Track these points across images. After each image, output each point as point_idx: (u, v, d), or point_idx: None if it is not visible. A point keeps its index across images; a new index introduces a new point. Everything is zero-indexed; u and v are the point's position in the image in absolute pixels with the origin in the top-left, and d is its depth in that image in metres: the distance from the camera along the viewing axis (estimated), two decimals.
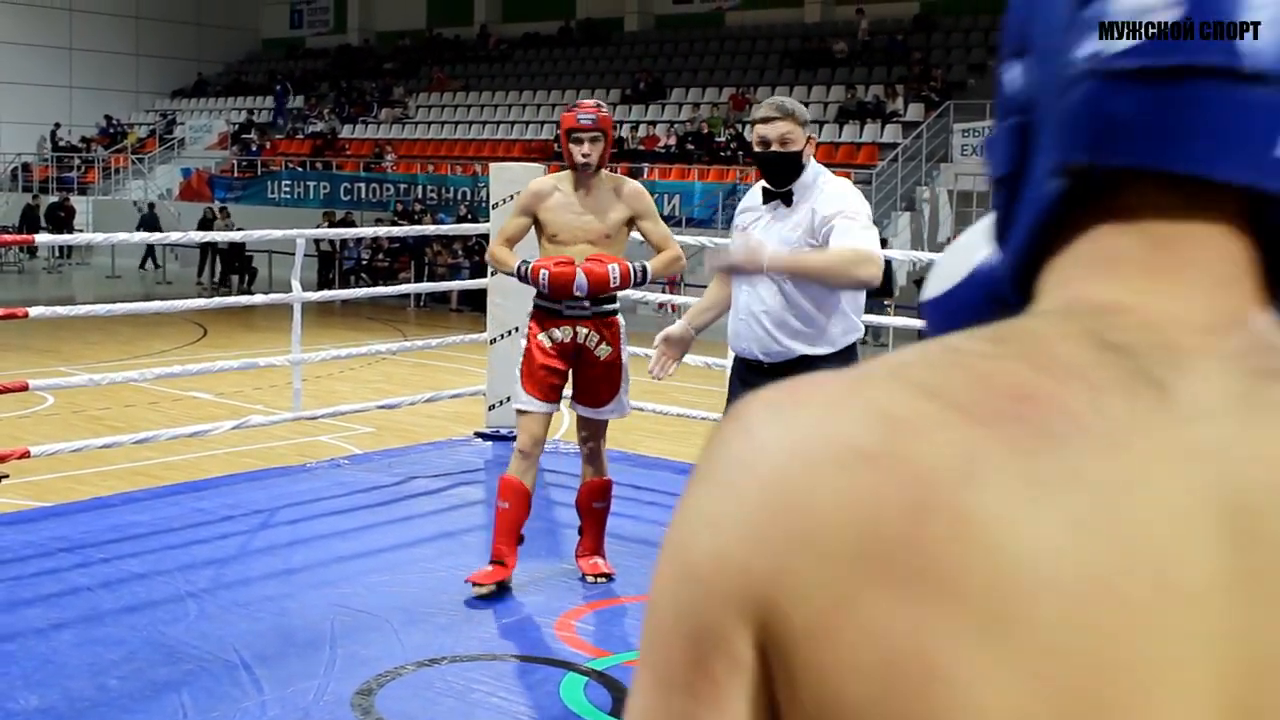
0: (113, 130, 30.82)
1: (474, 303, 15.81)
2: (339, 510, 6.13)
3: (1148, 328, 0.64)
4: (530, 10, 29.96)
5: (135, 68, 32.80)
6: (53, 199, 26.36)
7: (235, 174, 26.98)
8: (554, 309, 4.84)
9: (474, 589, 4.78)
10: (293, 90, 30.08)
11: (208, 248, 21.70)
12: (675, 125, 23.12)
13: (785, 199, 3.98)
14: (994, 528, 0.58)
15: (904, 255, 8.86)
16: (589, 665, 4.23)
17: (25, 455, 5.84)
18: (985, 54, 22.07)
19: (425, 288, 14.04)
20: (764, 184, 4.07)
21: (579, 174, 4.80)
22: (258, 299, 8.46)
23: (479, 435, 7.66)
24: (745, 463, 0.62)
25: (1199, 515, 0.60)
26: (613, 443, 5.51)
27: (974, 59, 22.21)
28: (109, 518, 5.78)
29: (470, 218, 18.59)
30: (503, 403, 7.19)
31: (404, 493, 6.48)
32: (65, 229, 23.74)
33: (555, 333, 4.84)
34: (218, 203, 24.59)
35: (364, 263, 20.50)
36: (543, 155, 20.07)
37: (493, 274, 7.03)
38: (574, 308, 4.82)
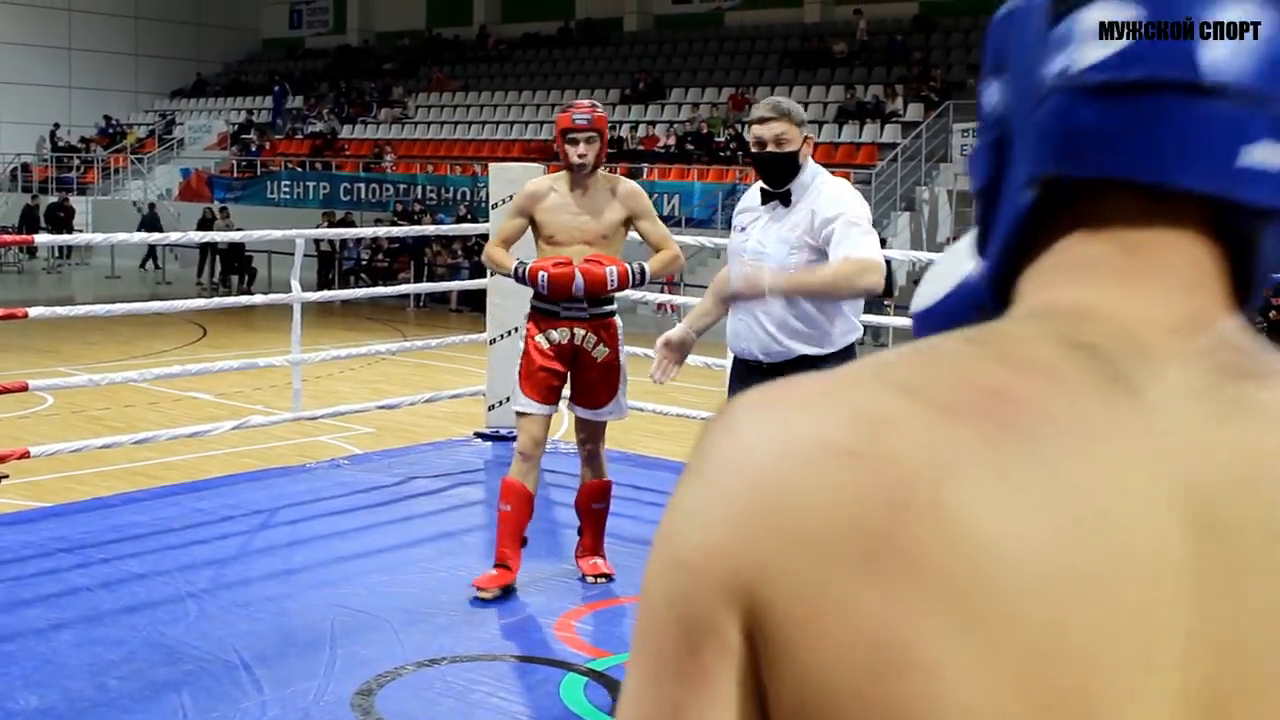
0: (112, 130, 30.82)
1: (473, 303, 15.81)
2: (339, 510, 6.13)
3: (1118, 329, 0.66)
4: (529, 10, 29.97)
5: (134, 68, 32.80)
6: (52, 199, 26.36)
7: (235, 174, 26.98)
8: (551, 310, 4.84)
9: (480, 594, 4.77)
10: (292, 91, 30.09)
11: (207, 248, 21.70)
12: (675, 125, 23.13)
13: (783, 199, 3.99)
14: (970, 521, 0.60)
15: (903, 255, 8.85)
16: (589, 665, 4.24)
17: (25, 455, 5.84)
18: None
19: (425, 288, 14.05)
20: (762, 184, 4.07)
21: (575, 175, 4.79)
22: (257, 299, 8.46)
23: (479, 435, 7.66)
24: (733, 460, 0.64)
25: (1164, 504, 0.62)
26: (612, 443, 5.51)
27: (973, 59, 22.20)
28: (109, 518, 5.78)
29: (470, 218, 18.59)
30: (502, 403, 7.19)
31: (404, 493, 6.48)
32: (65, 229, 23.75)
33: (553, 334, 4.84)
34: (217, 203, 24.59)
35: (363, 263, 20.51)
36: (542, 155, 20.06)
37: (492, 274, 7.03)
38: (571, 309, 4.82)
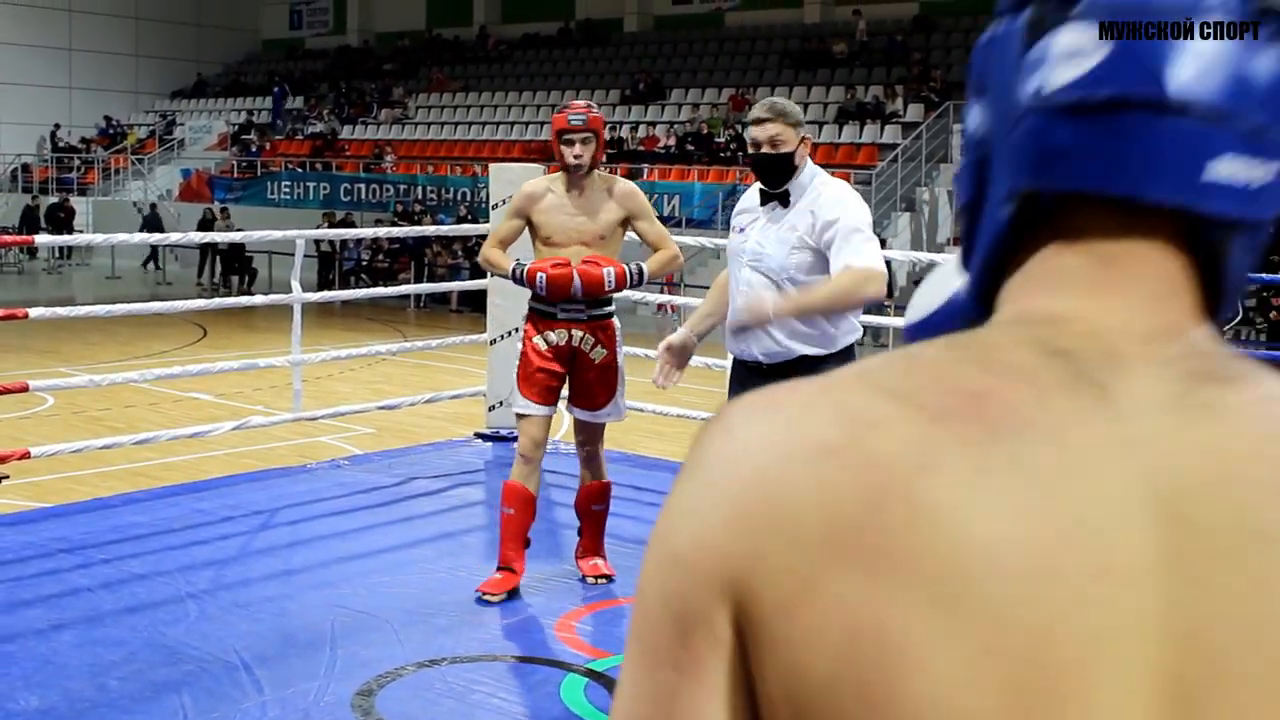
0: (112, 131, 30.82)
1: (474, 303, 15.82)
2: (339, 511, 6.13)
3: (1090, 335, 0.70)
4: (529, 11, 29.97)
5: (135, 68, 32.81)
6: (52, 200, 26.37)
7: (235, 175, 26.99)
8: (549, 312, 4.83)
9: (486, 597, 4.77)
10: (292, 91, 30.09)
11: (208, 249, 21.71)
12: (675, 126, 23.13)
13: (782, 200, 3.99)
14: (946, 512, 0.64)
15: (904, 256, 8.86)
16: (589, 666, 4.24)
17: (25, 456, 5.84)
18: None
19: (425, 288, 14.03)
20: (760, 185, 4.08)
21: (571, 175, 4.78)
22: (258, 300, 8.46)
23: (479, 436, 7.66)
24: (726, 460, 0.68)
25: (1135, 502, 0.66)
26: (612, 443, 5.52)
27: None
28: (109, 518, 5.78)
29: (470, 218, 18.59)
30: (503, 403, 7.20)
31: (404, 493, 6.48)
32: (65, 230, 23.76)
33: (550, 335, 4.83)
34: (217, 203, 24.60)
35: (364, 263, 20.51)
36: (542, 156, 20.06)
37: (492, 275, 7.03)
38: (569, 310, 4.81)
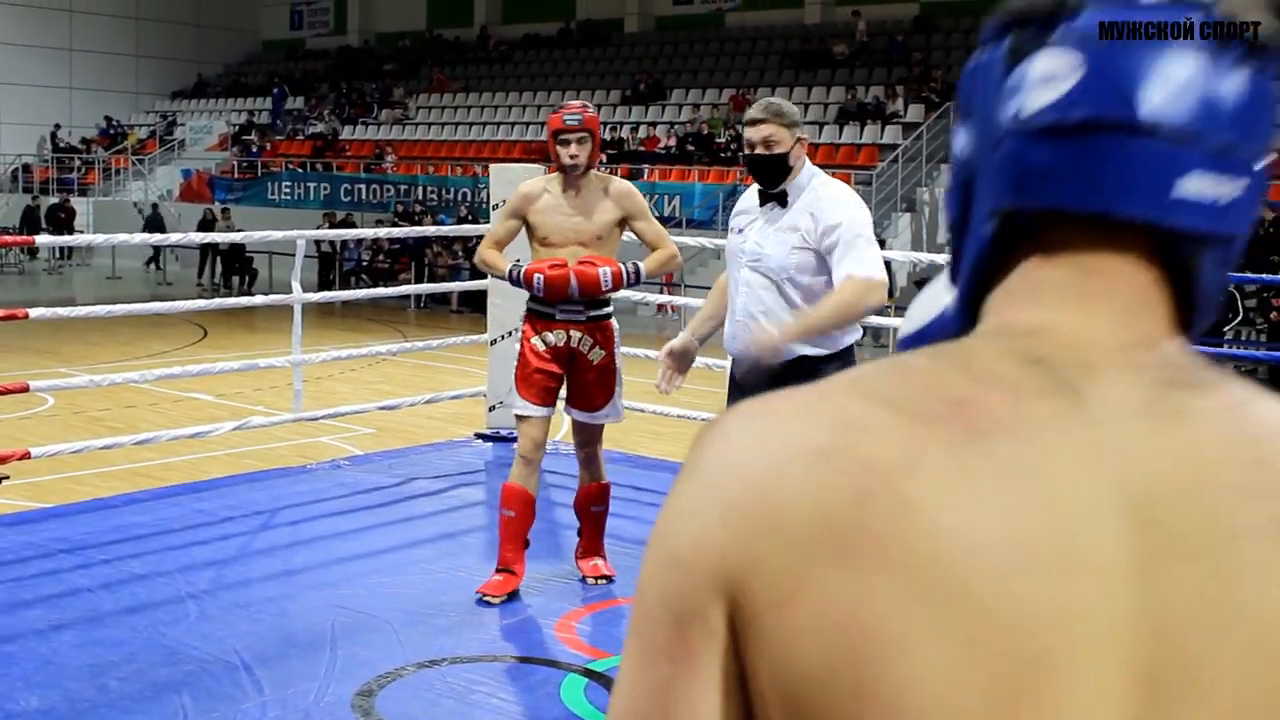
0: (113, 131, 30.83)
1: (474, 304, 15.82)
2: (339, 511, 6.13)
3: (1067, 345, 0.74)
4: (530, 11, 29.97)
5: (135, 69, 32.81)
6: (53, 200, 26.37)
7: (235, 175, 26.99)
8: (547, 312, 4.82)
9: (486, 600, 4.77)
10: (293, 91, 30.09)
11: (208, 249, 21.71)
12: (675, 126, 23.13)
13: (780, 200, 3.98)
14: (930, 510, 0.68)
15: (904, 256, 8.85)
16: (589, 666, 4.24)
17: (26, 456, 5.84)
18: None
19: (425, 289, 14.02)
20: (757, 185, 4.08)
21: (568, 176, 4.77)
22: (258, 300, 8.46)
23: (479, 436, 7.66)
24: (723, 464, 0.72)
25: (1108, 502, 0.70)
26: (612, 444, 5.52)
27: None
28: (109, 519, 5.79)
29: (470, 219, 18.60)
30: (503, 403, 7.20)
31: (404, 494, 6.48)
32: (66, 230, 23.76)
33: (549, 336, 4.83)
34: (218, 204, 24.60)
35: (364, 264, 20.51)
36: (542, 156, 20.04)
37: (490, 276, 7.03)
38: (568, 311, 4.80)
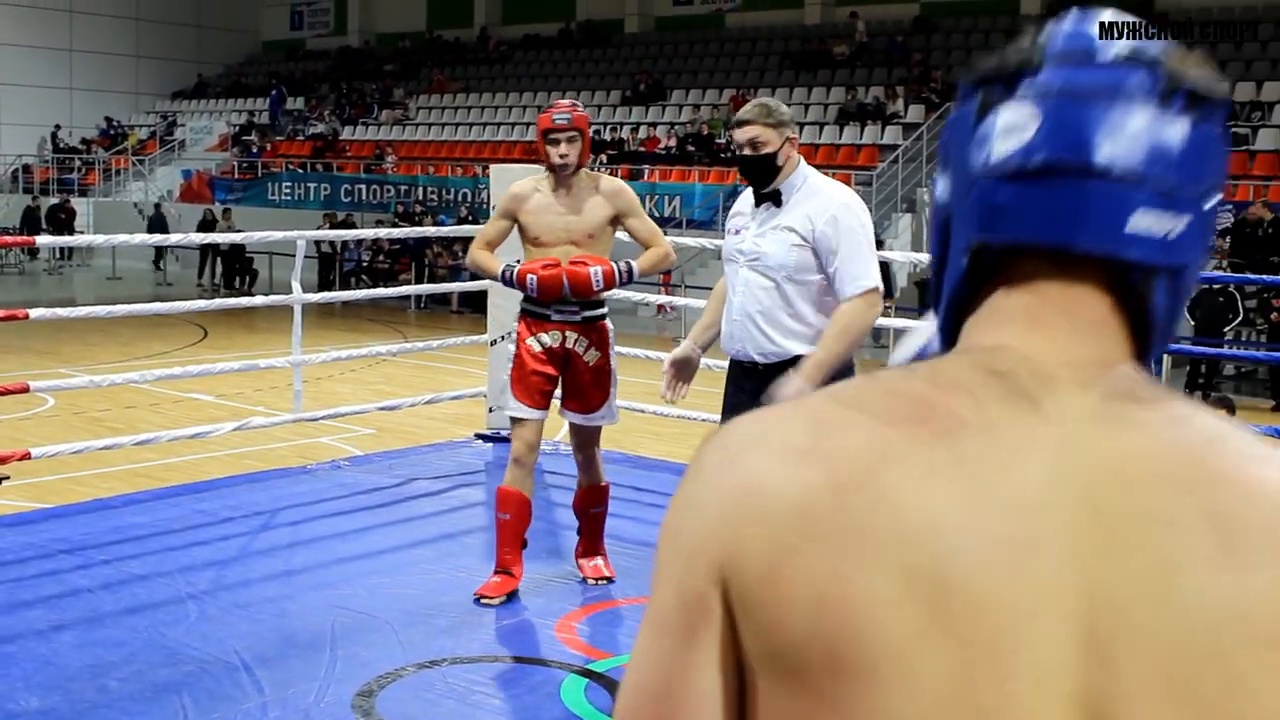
0: (113, 132, 30.83)
1: (474, 304, 15.81)
2: (339, 512, 6.13)
3: (1025, 360, 0.84)
4: (530, 12, 29.97)
5: (135, 69, 32.81)
6: (53, 200, 26.37)
7: (235, 175, 26.99)
8: (542, 313, 4.81)
9: (484, 601, 4.77)
10: (288, 93, 30.08)
11: (208, 250, 21.72)
12: (675, 127, 23.13)
13: (774, 200, 3.98)
14: (899, 496, 0.78)
15: (904, 257, 8.85)
16: (589, 667, 4.24)
17: (26, 457, 5.84)
18: (985, 55, 22.04)
19: (426, 289, 14.05)
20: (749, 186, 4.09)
21: (558, 175, 4.76)
22: (258, 300, 8.46)
23: (479, 437, 7.66)
24: (719, 465, 0.84)
25: (1059, 491, 0.79)
26: (612, 444, 5.52)
27: (974, 60, 22.18)
28: (110, 519, 5.79)
29: (471, 219, 18.59)
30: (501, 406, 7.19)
31: (404, 494, 6.48)
32: (66, 230, 23.77)
33: (544, 337, 4.81)
34: (218, 205, 24.61)
35: (364, 264, 20.51)
36: None
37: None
38: (563, 312, 4.79)
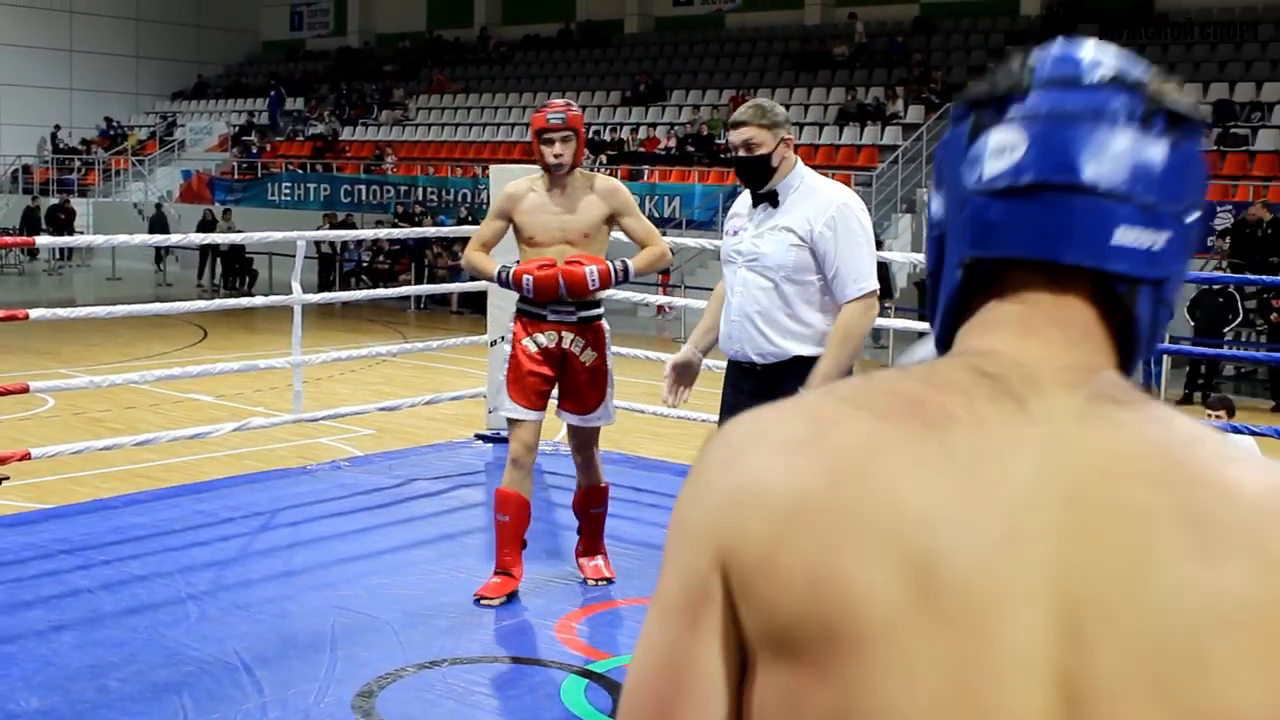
0: (113, 132, 30.83)
1: (474, 305, 15.82)
2: (339, 512, 6.13)
3: (1014, 364, 0.89)
4: (530, 12, 29.97)
5: (135, 70, 32.81)
6: (53, 201, 26.38)
7: (235, 176, 26.99)
8: (538, 314, 4.80)
9: (484, 602, 4.77)
10: (293, 92, 30.10)
11: (208, 250, 21.72)
12: (675, 127, 23.13)
13: (771, 200, 3.99)
14: (891, 485, 0.83)
15: (904, 258, 8.85)
16: (589, 667, 4.24)
17: (26, 457, 5.84)
18: (985, 56, 22.07)
19: (425, 290, 14.04)
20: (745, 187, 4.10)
21: (553, 174, 4.75)
22: (258, 301, 8.46)
23: (479, 437, 7.66)
24: (722, 458, 0.89)
25: (1042, 483, 0.84)
26: (612, 445, 5.52)
27: (974, 61, 22.22)
28: (110, 520, 5.78)
29: (471, 219, 18.58)
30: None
31: (404, 495, 6.48)
32: (66, 231, 23.78)
33: (540, 338, 4.80)
34: (219, 205, 24.61)
35: (364, 265, 20.51)
36: None
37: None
38: (559, 312, 4.78)
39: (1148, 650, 0.81)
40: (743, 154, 3.96)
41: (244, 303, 8.45)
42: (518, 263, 4.81)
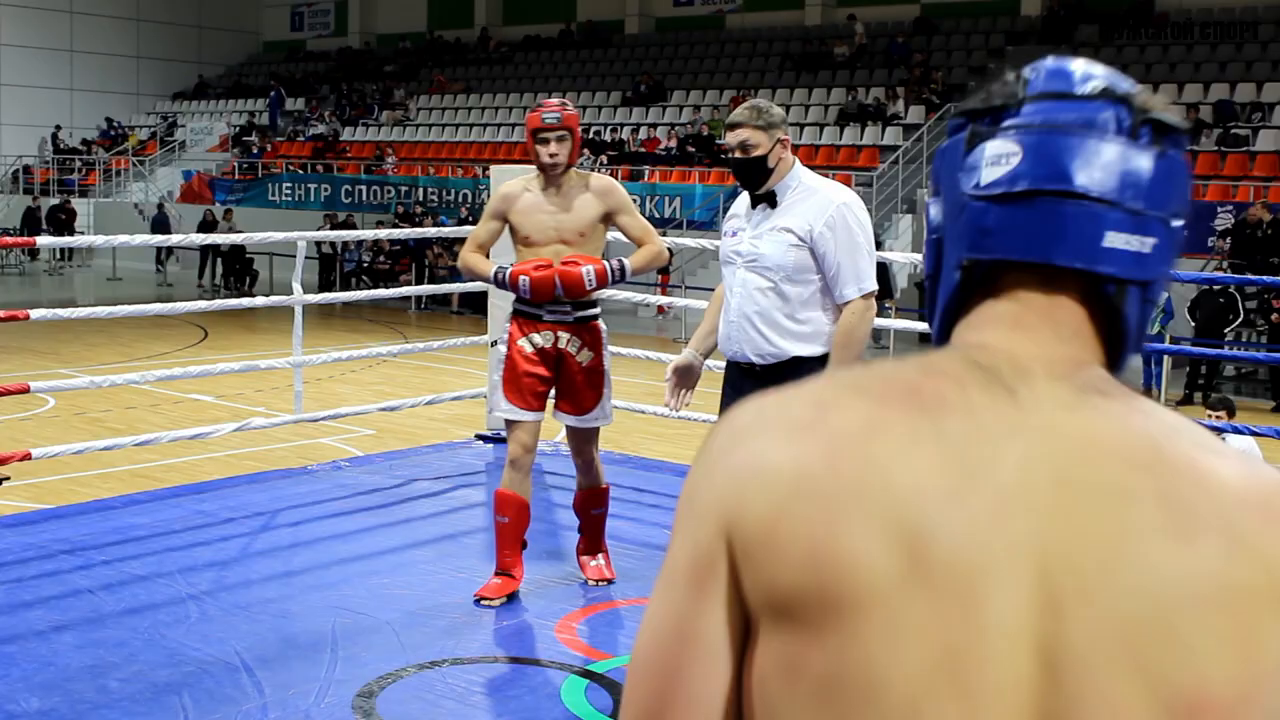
0: (114, 132, 30.82)
1: (474, 305, 15.82)
2: (340, 513, 6.13)
3: (1007, 357, 0.95)
4: (531, 13, 29.97)
5: (136, 70, 32.82)
6: (54, 201, 26.37)
7: (236, 176, 26.99)
8: (534, 314, 4.79)
9: (485, 603, 4.76)
10: (293, 93, 30.09)
11: (208, 250, 21.72)
12: (676, 127, 23.13)
13: (769, 201, 3.98)
14: (887, 464, 0.89)
15: (904, 258, 8.84)
16: (589, 668, 4.24)
17: (26, 457, 5.85)
18: (985, 56, 22.07)
19: (426, 290, 14.02)
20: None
21: (548, 174, 4.74)
22: (259, 301, 8.46)
23: (479, 437, 7.66)
24: (728, 443, 0.94)
25: (1029, 464, 0.89)
26: (614, 445, 5.52)
27: (974, 61, 22.22)
28: (110, 520, 5.79)
29: (471, 220, 18.57)
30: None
31: (405, 495, 6.48)
32: (66, 231, 23.78)
33: (536, 338, 4.79)
34: (219, 205, 24.61)
35: (365, 265, 20.51)
36: None
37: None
38: (555, 312, 4.78)
39: (1122, 622, 0.86)
40: (739, 155, 3.96)
41: (244, 303, 8.44)
42: (514, 264, 4.81)
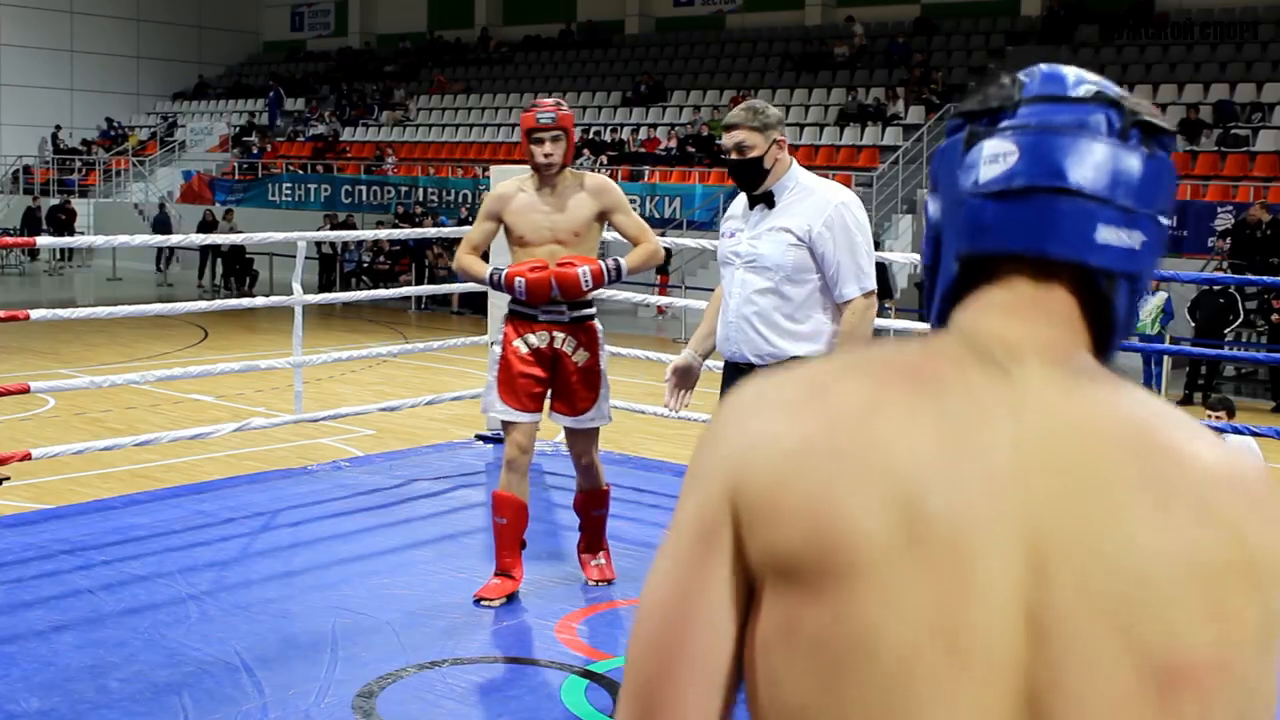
0: (114, 133, 30.83)
1: (474, 305, 15.82)
2: (340, 513, 6.13)
3: (1001, 341, 1.00)
4: (531, 13, 29.98)
5: (136, 70, 32.82)
6: (54, 201, 26.38)
7: (236, 176, 26.99)
8: (529, 314, 4.78)
9: (485, 603, 4.76)
10: (293, 93, 30.09)
11: (208, 250, 21.72)
12: (676, 128, 23.13)
13: (767, 202, 3.98)
14: (886, 437, 0.94)
15: (904, 258, 8.83)
16: (589, 668, 4.24)
17: (26, 457, 5.85)
18: (985, 57, 22.07)
19: (426, 290, 14.00)
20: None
21: (543, 174, 4.73)
22: (259, 301, 8.46)
23: (479, 438, 7.66)
24: (733, 420, 0.99)
25: (1021, 444, 0.94)
26: (614, 445, 5.52)
27: (974, 61, 22.22)
28: (110, 520, 5.79)
29: (471, 220, 18.56)
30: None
31: (405, 495, 6.48)
32: (66, 231, 23.79)
33: (531, 339, 4.78)
34: (219, 206, 24.61)
35: (365, 265, 20.52)
36: None
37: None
38: (550, 312, 4.77)
39: (1106, 593, 0.91)
40: (735, 157, 3.96)
41: (245, 303, 8.45)
42: (509, 265, 4.80)
